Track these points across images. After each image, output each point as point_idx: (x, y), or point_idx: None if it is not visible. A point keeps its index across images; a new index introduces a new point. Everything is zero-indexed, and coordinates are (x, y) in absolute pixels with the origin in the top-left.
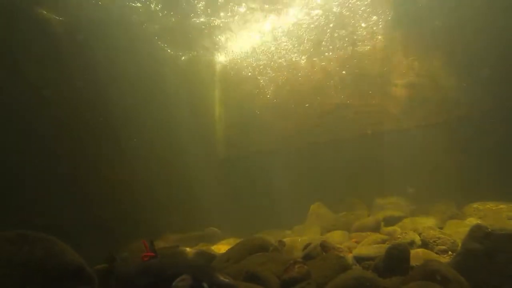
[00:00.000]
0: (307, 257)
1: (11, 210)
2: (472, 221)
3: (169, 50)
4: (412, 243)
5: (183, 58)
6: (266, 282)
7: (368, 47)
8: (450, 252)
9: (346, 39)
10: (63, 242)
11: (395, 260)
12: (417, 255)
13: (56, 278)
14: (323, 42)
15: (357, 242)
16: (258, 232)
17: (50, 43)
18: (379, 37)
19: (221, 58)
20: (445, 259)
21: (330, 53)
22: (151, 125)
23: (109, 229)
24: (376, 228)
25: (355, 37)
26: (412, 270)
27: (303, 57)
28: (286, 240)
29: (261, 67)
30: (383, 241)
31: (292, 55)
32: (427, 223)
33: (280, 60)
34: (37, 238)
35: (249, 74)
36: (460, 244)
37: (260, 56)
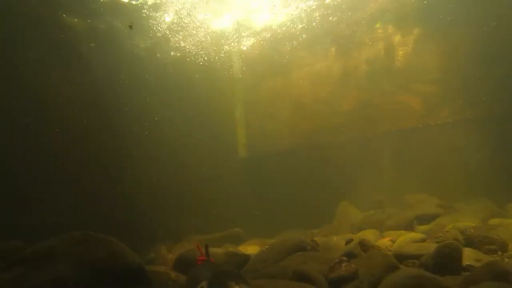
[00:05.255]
0: (349, 255)
1: (39, 215)
2: None
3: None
4: None
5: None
6: (316, 281)
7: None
8: (500, 252)
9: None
10: (122, 243)
11: (447, 259)
12: (465, 254)
13: (120, 278)
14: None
15: (393, 241)
16: (282, 232)
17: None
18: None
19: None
20: (494, 259)
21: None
22: (172, 126)
23: (132, 231)
24: (409, 227)
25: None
26: (472, 270)
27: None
28: (317, 239)
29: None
30: (422, 240)
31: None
32: (466, 222)
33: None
34: (99, 239)
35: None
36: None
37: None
